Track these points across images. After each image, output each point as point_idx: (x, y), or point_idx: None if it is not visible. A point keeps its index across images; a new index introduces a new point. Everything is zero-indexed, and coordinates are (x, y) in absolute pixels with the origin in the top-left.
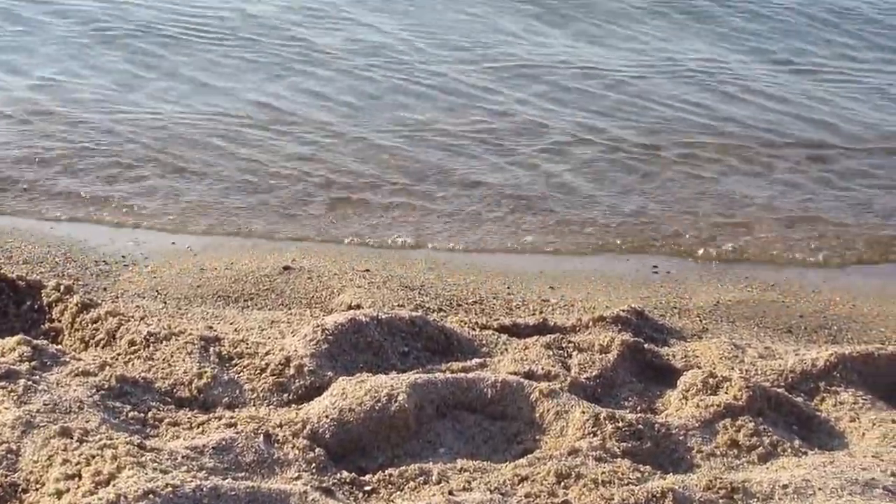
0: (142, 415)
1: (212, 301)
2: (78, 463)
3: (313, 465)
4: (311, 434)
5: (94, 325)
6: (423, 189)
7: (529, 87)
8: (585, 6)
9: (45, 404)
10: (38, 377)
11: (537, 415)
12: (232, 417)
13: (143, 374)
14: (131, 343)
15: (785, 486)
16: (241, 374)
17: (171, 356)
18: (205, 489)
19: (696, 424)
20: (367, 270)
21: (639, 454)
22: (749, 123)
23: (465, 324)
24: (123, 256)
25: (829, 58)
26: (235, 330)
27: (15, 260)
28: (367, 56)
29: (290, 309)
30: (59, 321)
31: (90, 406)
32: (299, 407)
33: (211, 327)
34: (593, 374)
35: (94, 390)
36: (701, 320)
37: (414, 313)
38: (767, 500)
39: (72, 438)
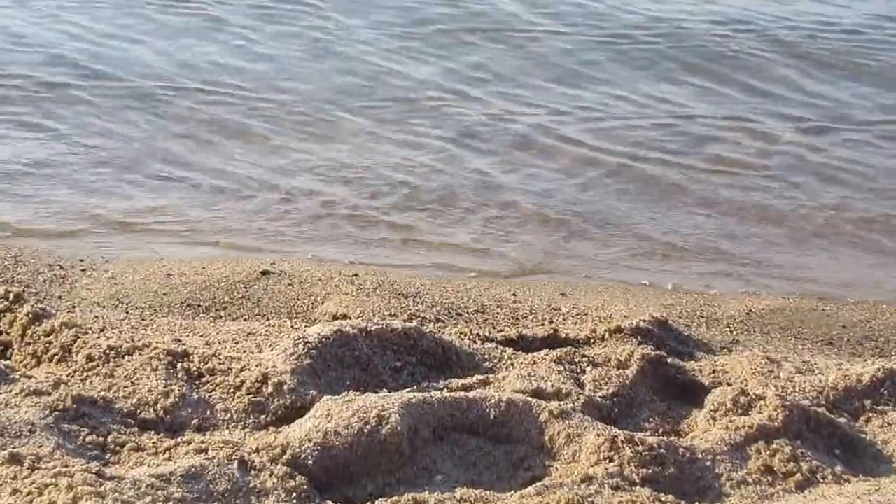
0: (101, 439)
1: (180, 311)
2: (29, 493)
3: (294, 494)
4: (291, 460)
5: (48, 338)
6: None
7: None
8: None
9: None
10: None
11: (546, 438)
12: (202, 442)
13: (102, 394)
14: (89, 358)
15: None
16: (213, 392)
17: (135, 373)
18: None
19: (726, 448)
20: (356, 275)
21: (661, 482)
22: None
23: (466, 336)
24: (81, 260)
25: None
26: (206, 343)
27: None
28: None
29: (268, 319)
30: (8, 334)
31: (43, 429)
32: (278, 430)
33: (179, 340)
34: (610, 392)
35: (48, 412)
36: (731, 331)
37: (408, 324)
38: None
39: (22, 465)
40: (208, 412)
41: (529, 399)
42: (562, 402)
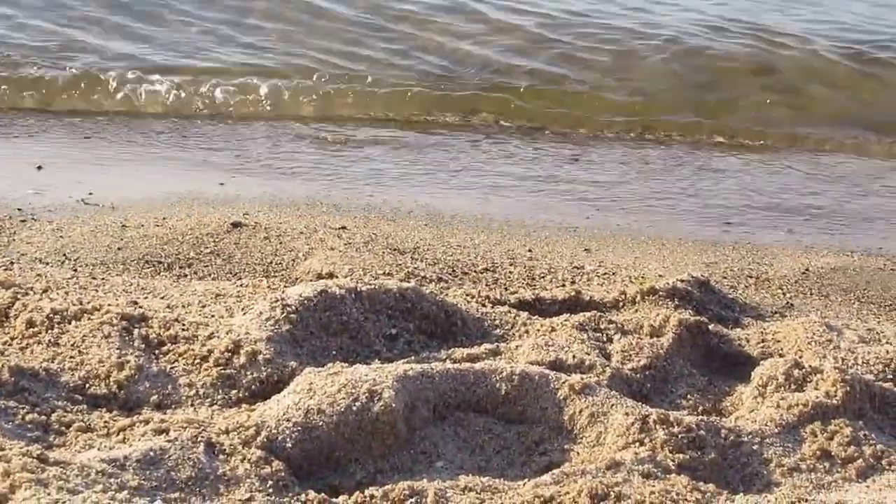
0: (43, 417)
1: (137, 268)
2: None
3: (270, 483)
4: (267, 443)
5: None
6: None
7: None
8: None
9: None
10: None
11: (566, 417)
12: (163, 421)
13: (45, 365)
14: (30, 323)
15: None
16: (176, 364)
17: (83, 341)
18: None
19: (776, 430)
20: (344, 228)
21: (700, 469)
22: None
23: (473, 298)
24: (20, 209)
25: None
26: (168, 306)
27: None
28: None
29: (240, 278)
30: None
31: None
32: (252, 407)
33: (135, 303)
34: (641, 364)
35: None
36: (784, 293)
37: (405, 284)
38: None
39: None
40: (170, 387)
41: (547, 372)
42: (585, 376)
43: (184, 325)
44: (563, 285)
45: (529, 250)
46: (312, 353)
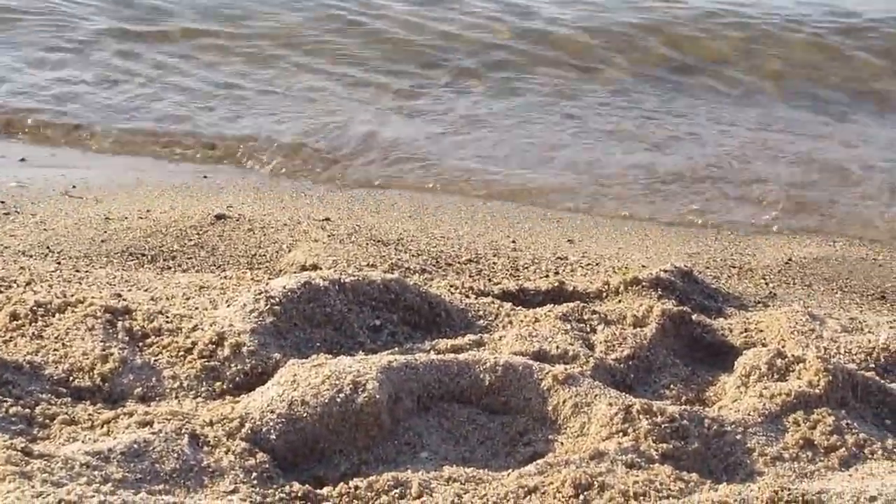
0: (27, 410)
1: (121, 261)
2: None
3: (254, 475)
4: (251, 435)
5: None
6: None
7: None
8: None
9: None
10: None
11: (550, 408)
12: (147, 413)
13: (28, 358)
14: (13, 316)
15: (873, 499)
16: (160, 356)
17: (67, 333)
18: None
19: (759, 419)
20: (327, 220)
21: (683, 458)
22: None
23: (457, 289)
24: (3, 202)
25: None
26: (152, 299)
27: None
28: None
29: (224, 271)
30: None
31: None
32: (236, 399)
33: (119, 295)
34: (624, 354)
35: None
36: (767, 283)
37: (388, 276)
38: None
39: None
40: (154, 379)
41: (530, 362)
42: (568, 366)
43: (168, 317)
44: (547, 276)
45: (513, 241)
46: (296, 345)
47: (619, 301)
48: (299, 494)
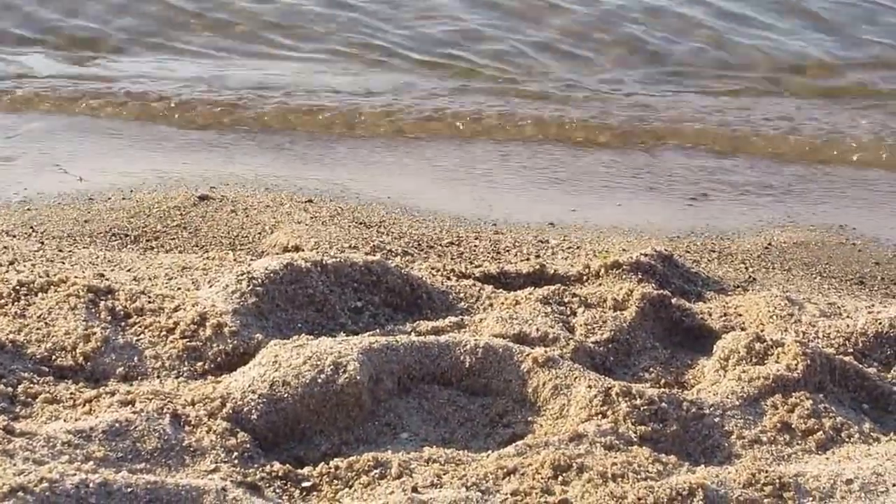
0: (9, 389)
1: (103, 241)
2: None
3: (235, 454)
4: (232, 415)
5: None
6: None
7: None
8: None
9: None
10: None
11: (530, 390)
12: (128, 393)
13: (11, 337)
14: None
15: (849, 482)
16: (142, 336)
17: (49, 313)
18: (91, 485)
19: (737, 402)
20: (310, 201)
21: (661, 440)
22: None
23: (438, 271)
24: None
25: None
26: (134, 279)
27: None
28: None
29: (206, 251)
30: None
31: None
32: (218, 379)
33: (102, 275)
34: (604, 337)
35: None
36: (747, 268)
37: (370, 258)
38: (827, 500)
39: None
40: (135, 358)
41: (511, 345)
42: (548, 349)
43: (150, 297)
44: (528, 259)
45: (494, 224)
46: (278, 326)
47: (600, 284)
48: (280, 474)
